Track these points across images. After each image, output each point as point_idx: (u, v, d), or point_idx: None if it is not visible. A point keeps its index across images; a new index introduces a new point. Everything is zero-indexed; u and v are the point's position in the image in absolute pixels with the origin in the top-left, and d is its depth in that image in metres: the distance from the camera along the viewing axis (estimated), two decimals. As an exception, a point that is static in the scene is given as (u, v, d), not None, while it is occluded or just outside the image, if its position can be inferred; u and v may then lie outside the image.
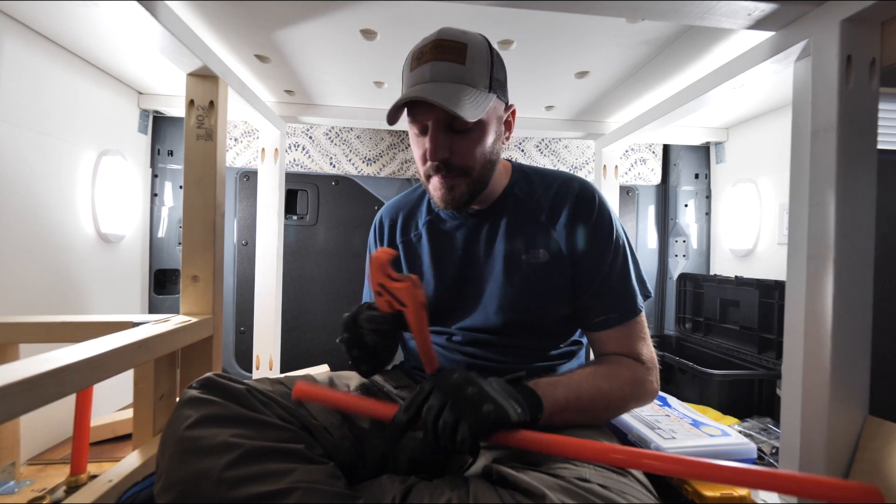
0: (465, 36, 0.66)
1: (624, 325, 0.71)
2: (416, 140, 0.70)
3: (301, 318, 1.75)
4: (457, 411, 0.48)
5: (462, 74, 0.64)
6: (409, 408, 0.51)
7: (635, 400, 0.69)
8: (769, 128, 1.57)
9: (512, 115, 0.75)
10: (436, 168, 0.67)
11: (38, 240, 1.11)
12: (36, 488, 0.90)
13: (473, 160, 0.68)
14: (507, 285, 0.73)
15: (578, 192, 0.74)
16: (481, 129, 0.67)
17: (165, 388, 0.97)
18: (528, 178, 0.78)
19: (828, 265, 0.68)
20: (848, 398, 0.68)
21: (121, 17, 0.78)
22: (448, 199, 0.69)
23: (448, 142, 0.66)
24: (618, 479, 0.51)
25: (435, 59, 0.64)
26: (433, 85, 0.63)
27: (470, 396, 0.49)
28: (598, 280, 0.71)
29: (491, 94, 0.66)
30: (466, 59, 0.64)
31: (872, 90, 0.69)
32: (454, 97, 0.61)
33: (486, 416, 0.48)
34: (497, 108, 0.70)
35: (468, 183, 0.69)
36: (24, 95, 1.06)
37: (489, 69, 0.67)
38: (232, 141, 1.70)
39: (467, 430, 0.47)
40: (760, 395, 1.29)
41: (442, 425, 0.48)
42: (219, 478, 0.44)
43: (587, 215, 0.72)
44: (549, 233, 0.73)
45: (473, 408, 0.48)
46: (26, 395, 0.50)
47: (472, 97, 0.63)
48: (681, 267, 1.89)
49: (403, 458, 0.62)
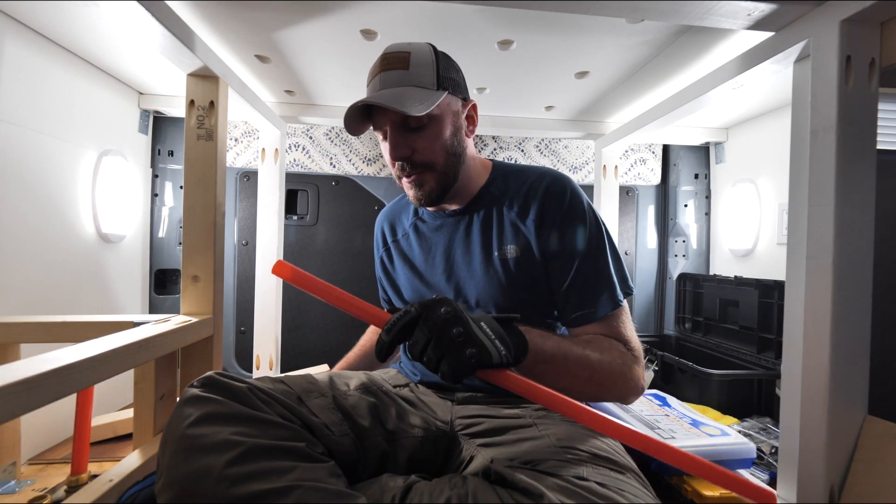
0: (409, 46, 0.72)
1: (602, 321, 0.70)
2: (383, 146, 0.74)
3: (301, 318, 1.75)
4: (440, 350, 0.50)
5: (407, 78, 0.69)
6: (391, 329, 0.52)
7: (621, 382, 0.67)
8: (769, 128, 1.57)
9: (473, 109, 0.78)
10: (401, 168, 0.72)
11: (39, 240, 1.11)
12: (37, 488, 0.91)
13: (434, 153, 0.71)
14: (482, 283, 0.75)
15: (548, 186, 0.75)
16: (437, 123, 0.71)
17: (166, 387, 0.97)
18: (505, 176, 0.80)
19: (827, 265, 0.68)
20: (847, 398, 0.68)
21: (121, 17, 0.78)
22: (420, 196, 0.73)
23: (406, 140, 0.70)
24: (616, 477, 0.51)
25: (382, 70, 0.70)
26: (381, 92, 0.68)
27: (454, 337, 0.50)
28: (570, 275, 0.71)
29: (440, 91, 0.70)
30: (410, 64, 0.69)
31: (872, 90, 0.69)
32: (400, 97, 0.66)
33: (468, 358, 0.50)
34: (452, 104, 0.73)
35: (435, 177, 0.72)
36: (24, 95, 1.06)
37: (435, 69, 0.71)
38: (232, 141, 1.70)
39: (448, 368, 0.50)
40: (760, 395, 1.29)
41: (426, 361, 0.51)
42: (220, 475, 0.44)
43: (556, 209, 0.73)
44: (519, 229, 0.74)
45: (457, 350, 0.50)
46: (27, 395, 0.50)
47: (418, 95, 0.67)
48: (680, 267, 1.89)
49: (403, 457, 0.62)
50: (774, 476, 0.87)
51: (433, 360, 0.50)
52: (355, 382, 0.73)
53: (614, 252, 0.75)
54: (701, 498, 0.73)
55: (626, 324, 0.72)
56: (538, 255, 0.73)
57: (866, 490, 0.65)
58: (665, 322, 1.91)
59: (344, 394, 0.68)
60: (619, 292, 0.72)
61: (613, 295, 0.71)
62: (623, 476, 0.52)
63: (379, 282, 0.96)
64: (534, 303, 0.74)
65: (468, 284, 0.76)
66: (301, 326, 1.75)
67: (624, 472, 0.53)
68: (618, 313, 0.71)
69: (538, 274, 0.73)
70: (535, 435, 0.62)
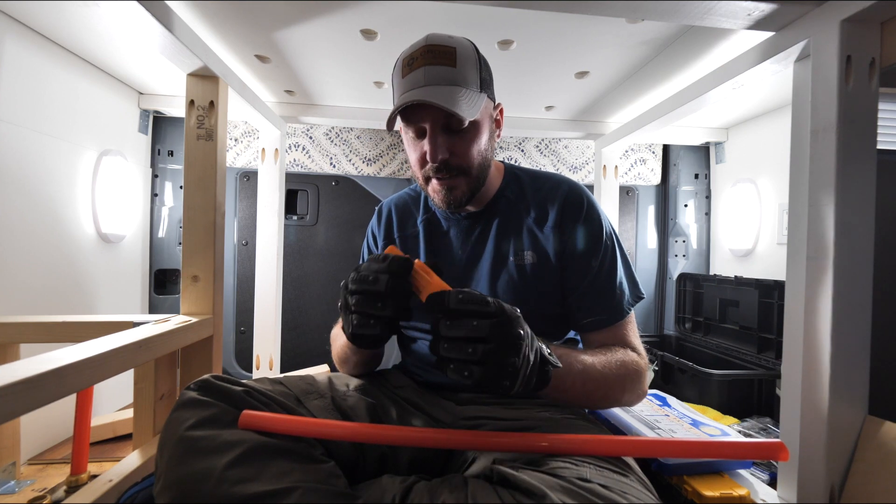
0: (452, 40, 0.69)
1: (613, 327, 0.72)
2: (412, 143, 0.71)
3: (301, 318, 1.75)
4: (490, 358, 0.47)
5: (455, 76, 0.66)
6: (463, 299, 0.48)
7: (629, 394, 0.68)
8: (769, 128, 1.57)
9: (500, 112, 0.76)
10: (436, 170, 0.69)
11: (39, 240, 1.11)
12: (36, 488, 0.91)
13: (471, 159, 0.69)
14: (495, 287, 0.74)
15: (567, 194, 0.75)
16: (476, 128, 0.69)
17: (166, 388, 0.97)
18: (519, 181, 0.80)
19: (827, 265, 0.68)
20: (847, 398, 0.68)
21: (121, 17, 0.78)
22: (449, 200, 0.71)
23: (447, 142, 0.67)
24: (619, 479, 0.51)
25: (427, 63, 0.66)
26: (429, 88, 0.65)
27: (510, 356, 0.47)
28: (585, 282, 0.72)
29: (482, 94, 0.69)
30: (457, 61, 0.67)
31: (872, 90, 0.69)
32: (451, 98, 0.63)
33: (498, 383, 0.47)
34: (488, 107, 0.72)
35: (467, 182, 0.71)
36: (24, 95, 1.06)
37: (478, 70, 0.69)
38: (232, 141, 1.70)
39: (478, 376, 0.46)
40: (760, 395, 1.29)
41: (470, 351, 0.46)
42: (220, 477, 0.44)
43: (575, 218, 0.73)
44: (537, 235, 0.74)
45: (500, 369, 0.47)
46: (27, 395, 0.50)
47: (466, 97, 0.65)
48: (680, 267, 1.89)
49: (404, 458, 0.62)
50: (774, 476, 0.87)
51: (473, 359, 0.46)
52: (355, 383, 0.73)
53: (626, 261, 0.76)
54: (701, 498, 0.73)
55: (634, 331, 0.73)
56: (554, 262, 0.73)
57: (866, 490, 0.65)
58: (665, 322, 1.91)
59: (343, 395, 0.67)
60: (630, 302, 0.73)
61: (622, 303, 0.72)
62: (626, 478, 0.52)
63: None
64: (544, 309, 0.74)
65: (479, 287, 0.76)
66: (301, 326, 1.75)
67: (627, 473, 0.53)
68: (628, 320, 0.73)
69: (553, 280, 0.73)
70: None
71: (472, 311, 0.48)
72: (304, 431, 0.52)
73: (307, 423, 0.53)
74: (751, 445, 0.55)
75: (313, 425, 0.53)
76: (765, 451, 0.54)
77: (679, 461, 0.75)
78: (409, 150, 0.73)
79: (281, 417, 0.53)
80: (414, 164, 0.72)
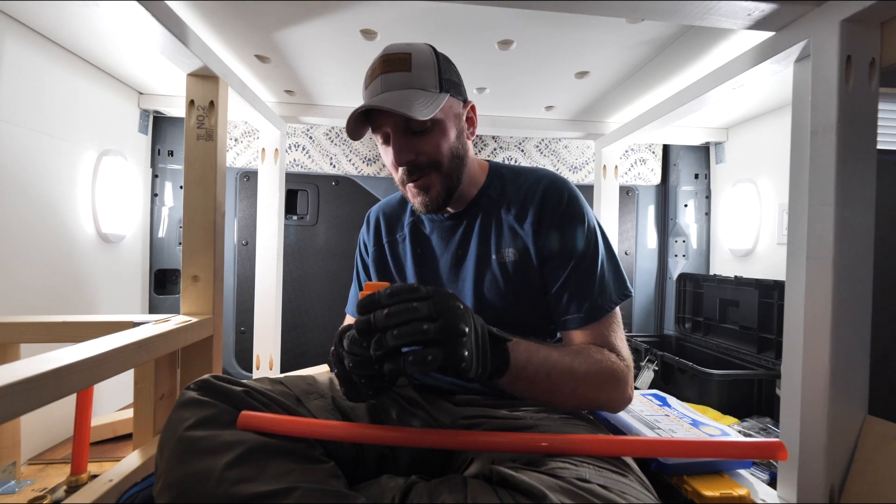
0: (409, 47, 0.70)
1: (593, 326, 0.69)
2: (384, 151, 0.73)
3: (301, 318, 1.75)
4: (437, 336, 0.45)
5: (410, 80, 0.68)
6: (395, 294, 0.46)
7: (606, 395, 0.65)
8: (769, 128, 1.57)
9: (472, 111, 0.77)
10: (408, 172, 0.70)
11: (39, 240, 1.11)
12: (36, 488, 0.91)
13: (440, 155, 0.70)
14: (479, 286, 0.74)
15: (546, 189, 0.74)
16: (440, 126, 0.70)
17: (166, 387, 0.97)
18: (503, 178, 0.79)
19: (827, 265, 0.68)
20: (847, 398, 0.68)
21: (121, 17, 0.78)
22: (428, 202, 0.72)
23: (410, 144, 0.69)
24: (618, 479, 0.51)
25: (384, 72, 0.68)
26: (385, 95, 0.67)
27: (457, 335, 0.45)
28: (563, 277, 0.70)
29: (443, 94, 0.69)
30: (412, 66, 0.68)
31: (872, 90, 0.69)
32: (405, 101, 0.65)
33: (458, 363, 0.45)
34: (453, 106, 0.73)
35: (440, 178, 0.71)
36: (24, 95, 1.06)
37: (436, 71, 0.70)
38: (232, 141, 1.70)
39: (433, 359, 0.44)
40: (760, 395, 1.29)
41: (425, 328, 0.44)
42: (220, 477, 0.44)
43: (553, 213, 0.72)
44: (517, 232, 0.74)
45: (453, 348, 0.45)
46: (27, 395, 0.50)
47: (422, 98, 0.66)
48: (680, 267, 1.89)
49: (404, 458, 0.62)
50: (774, 476, 0.87)
51: (423, 339, 0.44)
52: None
53: (611, 256, 0.74)
54: (701, 498, 0.73)
55: (616, 332, 0.70)
56: (535, 259, 0.72)
57: (866, 490, 0.65)
58: (665, 322, 1.91)
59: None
60: (614, 298, 0.71)
61: (605, 301, 0.70)
62: (625, 478, 0.52)
63: (362, 270, 0.93)
64: (531, 307, 0.73)
65: (465, 288, 0.76)
66: (301, 326, 1.75)
67: (626, 474, 0.53)
68: (609, 320, 0.70)
69: (535, 278, 0.72)
70: None
71: (406, 297, 0.46)
72: (302, 432, 0.52)
73: (305, 423, 0.53)
74: (750, 445, 0.55)
75: (311, 426, 0.53)
76: (764, 451, 0.54)
77: (679, 461, 0.74)
78: (384, 158, 0.74)
79: (279, 418, 0.53)
80: (391, 171, 0.73)
